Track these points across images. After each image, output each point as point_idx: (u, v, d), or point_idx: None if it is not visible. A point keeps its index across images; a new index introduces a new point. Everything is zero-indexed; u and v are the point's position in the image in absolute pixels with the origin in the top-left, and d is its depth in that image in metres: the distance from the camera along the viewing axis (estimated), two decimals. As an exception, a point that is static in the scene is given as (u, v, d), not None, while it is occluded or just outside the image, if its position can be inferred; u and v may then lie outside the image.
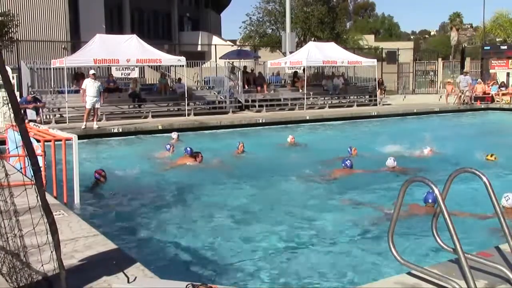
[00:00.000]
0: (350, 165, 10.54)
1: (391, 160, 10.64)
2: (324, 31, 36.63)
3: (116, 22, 38.77)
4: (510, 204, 7.20)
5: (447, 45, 63.65)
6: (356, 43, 46.25)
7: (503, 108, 25.88)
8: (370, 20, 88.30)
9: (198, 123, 18.90)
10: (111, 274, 4.07)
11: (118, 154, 14.31)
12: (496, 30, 38.64)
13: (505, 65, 31.30)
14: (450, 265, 4.13)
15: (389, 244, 3.98)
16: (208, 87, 25.13)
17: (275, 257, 6.12)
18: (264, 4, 37.78)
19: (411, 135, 16.14)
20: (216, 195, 9.13)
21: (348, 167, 10.51)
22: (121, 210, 8.20)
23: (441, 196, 3.59)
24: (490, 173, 9.38)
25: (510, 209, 7.20)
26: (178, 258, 6.08)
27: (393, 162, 10.62)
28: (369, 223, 7.39)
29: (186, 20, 49.14)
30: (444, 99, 27.74)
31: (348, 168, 10.51)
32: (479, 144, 14.17)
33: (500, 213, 3.85)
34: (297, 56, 25.90)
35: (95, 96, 16.77)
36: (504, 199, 7.24)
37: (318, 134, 18.82)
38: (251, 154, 13.06)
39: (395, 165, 10.60)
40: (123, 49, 19.92)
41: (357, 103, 26.07)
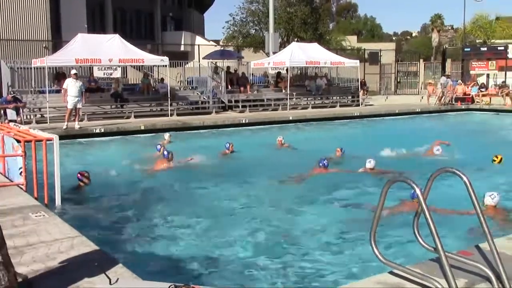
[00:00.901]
0: (326, 164, 10.59)
1: (370, 161, 10.65)
2: (307, 32, 36.80)
3: (98, 22, 38.41)
4: (495, 202, 7.31)
5: (429, 46, 64.26)
6: (339, 44, 46.52)
7: (483, 108, 26.24)
8: (352, 21, 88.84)
9: (181, 123, 18.83)
10: (93, 275, 4.03)
11: (100, 155, 14.19)
12: (476, 32, 39.16)
13: (485, 67, 31.77)
14: (432, 264, 4.17)
15: (371, 244, 4.01)
16: (191, 87, 25.05)
17: (255, 258, 6.11)
18: (247, 4, 37.87)
19: (397, 135, 16.29)
20: (199, 196, 9.11)
21: (324, 167, 10.56)
22: (103, 212, 8.12)
23: (423, 196, 3.63)
24: (470, 172, 9.58)
25: (493, 207, 7.31)
26: (160, 259, 6.05)
27: (369, 163, 10.61)
28: (349, 223, 7.42)
29: (169, 20, 48.92)
30: (425, 99, 28.05)
31: (325, 168, 10.55)
32: (462, 145, 14.37)
33: (480, 212, 3.89)
34: (280, 57, 25.95)
35: (77, 96, 16.60)
36: (489, 197, 7.32)
37: (307, 135, 18.82)
38: (239, 155, 13.06)
39: (373, 167, 10.60)
40: (105, 49, 19.76)
41: (340, 104, 26.22)
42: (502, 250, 4.28)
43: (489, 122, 23.47)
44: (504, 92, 26.88)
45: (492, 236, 3.90)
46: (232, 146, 13.15)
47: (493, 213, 7.25)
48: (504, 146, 14.54)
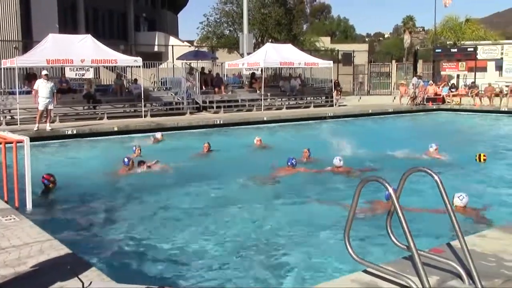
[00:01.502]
0: (294, 163, 10.64)
1: (337, 160, 10.67)
2: (281, 33, 36.95)
3: (70, 22, 37.83)
4: (464, 203, 7.43)
5: (401, 47, 65.12)
6: (313, 45, 46.79)
7: (453, 108, 26.74)
8: (326, 23, 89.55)
9: (155, 125, 18.68)
10: (65, 279, 3.98)
11: (73, 157, 13.98)
12: (447, 33, 39.85)
13: (455, 68, 32.37)
14: (404, 262, 4.23)
15: (345, 242, 4.04)
16: (165, 88, 24.89)
17: (226, 258, 6.11)
18: (221, 5, 37.79)
19: (373, 135, 16.44)
20: (169, 198, 9.04)
21: (293, 166, 10.60)
22: (76, 214, 8.00)
23: (395, 195, 3.68)
24: (441, 170, 9.76)
25: (462, 208, 7.43)
26: (134, 262, 6.00)
27: (338, 161, 10.65)
28: (319, 221, 7.46)
29: (142, 20, 48.53)
30: (398, 100, 28.44)
31: (293, 167, 10.60)
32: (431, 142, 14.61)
33: (451, 210, 3.96)
34: (254, 57, 25.99)
35: (48, 97, 16.32)
36: (457, 198, 7.45)
37: (284, 135, 18.83)
38: (216, 155, 13.03)
39: (341, 165, 10.65)
40: (77, 49, 19.50)
41: (314, 104, 26.38)
42: (472, 247, 4.38)
43: (459, 121, 23.92)
44: (474, 93, 27.44)
45: (463, 234, 3.98)
46: (208, 146, 13.11)
47: (462, 213, 7.35)
48: (476, 144, 14.88)
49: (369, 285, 3.90)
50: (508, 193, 9.33)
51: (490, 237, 5.01)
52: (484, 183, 10.01)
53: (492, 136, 17.95)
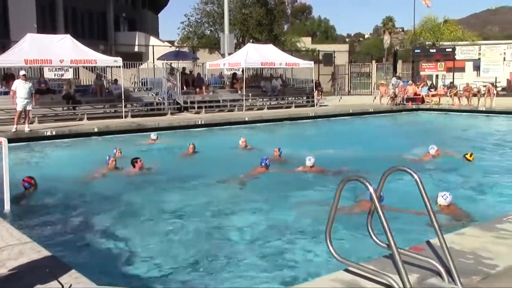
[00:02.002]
0: (268, 164, 10.66)
1: (308, 159, 10.64)
2: (262, 33, 37.03)
3: (49, 21, 37.39)
4: (447, 202, 7.47)
5: (381, 48, 65.84)
6: (294, 45, 46.97)
7: (432, 108, 27.06)
8: (307, 23, 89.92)
9: (135, 125, 18.56)
10: (45, 282, 3.93)
11: (52, 158, 13.82)
12: (426, 34, 40.33)
13: (434, 68, 32.79)
14: (385, 261, 4.26)
15: (327, 242, 4.06)
16: (146, 89, 24.74)
17: (207, 260, 6.08)
18: (202, 5, 37.75)
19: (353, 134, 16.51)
20: (152, 200, 8.96)
21: (266, 167, 10.62)
22: (55, 216, 7.91)
23: (376, 194, 3.71)
24: (423, 169, 9.87)
25: (446, 207, 7.47)
26: (115, 264, 5.94)
27: (309, 161, 10.63)
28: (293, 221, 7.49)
29: (122, 20, 48.18)
30: (378, 100, 28.69)
31: (266, 168, 10.63)
32: (413, 142, 14.74)
33: (430, 209, 4.01)
34: (235, 58, 25.98)
35: (26, 98, 16.09)
36: (441, 198, 7.49)
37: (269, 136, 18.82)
38: (201, 156, 12.95)
39: (313, 165, 10.63)
40: (56, 49, 19.28)
41: (295, 104, 26.46)
42: (451, 245, 4.43)
43: (438, 121, 24.24)
44: (452, 92, 27.80)
45: (442, 232, 4.03)
46: (193, 147, 13.06)
47: (446, 212, 7.41)
48: (455, 143, 15.09)
49: (350, 284, 3.92)
50: (489, 191, 9.47)
51: (469, 235, 5.08)
52: (465, 182, 10.12)
53: (471, 135, 18.21)
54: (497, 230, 5.18)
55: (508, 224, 5.39)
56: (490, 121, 23.01)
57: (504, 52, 32.25)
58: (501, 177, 10.62)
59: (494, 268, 4.19)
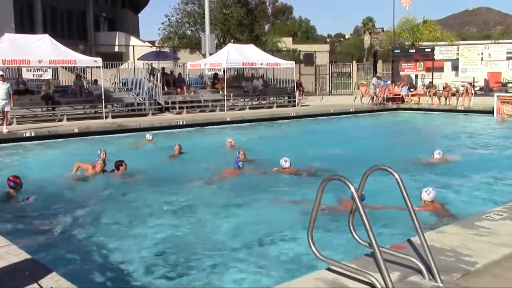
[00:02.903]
0: (241, 166, 10.66)
1: (284, 160, 10.61)
2: (244, 33, 37.04)
3: (27, 21, 36.85)
4: (431, 197, 7.54)
5: (361, 48, 66.36)
6: (275, 45, 47.08)
7: (412, 108, 27.36)
8: (288, 23, 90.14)
9: (116, 126, 18.41)
10: (24, 285, 3.87)
11: (31, 160, 13.63)
12: (405, 34, 40.75)
13: (413, 68, 33.15)
14: (367, 259, 4.29)
15: (309, 241, 4.08)
16: (127, 89, 24.55)
17: (194, 259, 6.07)
18: (182, 5, 37.61)
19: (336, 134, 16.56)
20: (134, 202, 8.88)
21: (240, 168, 10.62)
22: (35, 219, 7.80)
23: (357, 193, 3.73)
24: (405, 169, 9.94)
25: (430, 203, 7.54)
26: (96, 267, 5.89)
27: (284, 162, 10.60)
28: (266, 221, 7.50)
29: (102, 20, 47.67)
30: (359, 100, 28.90)
31: (240, 169, 10.61)
32: (396, 142, 14.89)
33: (411, 207, 4.05)
34: (216, 58, 25.94)
35: (4, 99, 15.87)
36: (425, 193, 7.57)
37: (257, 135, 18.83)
38: (187, 156, 12.86)
39: (288, 166, 10.60)
40: (35, 49, 19.02)
41: (277, 104, 26.52)
42: (431, 243, 4.48)
43: (418, 120, 24.52)
44: (431, 92, 28.13)
45: (422, 230, 4.07)
46: (179, 148, 13.00)
47: (431, 207, 7.48)
48: (435, 141, 15.28)
49: (332, 283, 3.95)
50: (466, 189, 9.59)
51: (449, 233, 5.15)
52: (442, 180, 10.23)
53: (450, 134, 18.46)
54: (476, 228, 5.26)
55: (486, 221, 5.48)
56: (468, 120, 23.35)
57: (481, 52, 32.74)
58: (478, 175, 10.76)
59: (474, 265, 4.26)
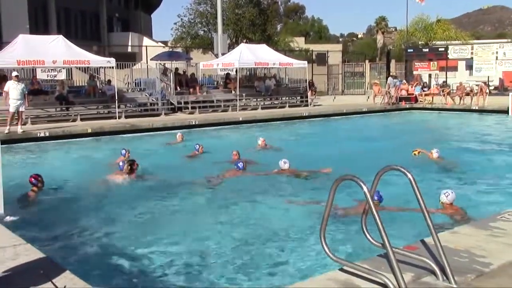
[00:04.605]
0: (242, 167, 10.58)
1: (283, 162, 10.53)
2: (256, 33, 37.05)
3: (41, 22, 37.22)
4: (449, 200, 7.34)
5: (374, 47, 66.05)
6: (287, 45, 47.01)
7: (425, 107, 27.16)
8: (300, 23, 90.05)
9: (129, 126, 18.51)
10: (38, 284, 3.91)
11: (45, 160, 13.76)
12: (418, 33, 40.48)
13: (427, 67, 32.89)
14: (380, 260, 4.27)
15: (321, 241, 4.06)
16: (139, 89, 24.67)
17: (202, 260, 6.08)
18: (195, 5, 37.71)
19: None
20: (150, 201, 8.89)
21: (240, 169, 10.55)
22: (50, 218, 7.87)
23: (370, 194, 3.71)
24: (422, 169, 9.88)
25: (449, 205, 7.35)
26: (109, 266, 5.93)
27: (284, 164, 10.52)
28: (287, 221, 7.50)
29: (115, 21, 48.04)
30: (371, 99, 28.75)
31: (241, 170, 10.54)
32: (407, 141, 14.77)
33: (424, 207, 4.02)
34: (229, 58, 25.97)
35: (19, 99, 16.02)
36: (444, 196, 7.38)
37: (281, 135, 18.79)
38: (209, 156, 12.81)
39: (287, 167, 10.53)
40: (49, 50, 19.17)
41: (289, 104, 26.48)
42: (445, 244, 4.44)
43: (431, 120, 24.34)
44: (445, 92, 27.90)
45: (436, 231, 4.04)
46: (201, 148, 13.00)
47: (450, 210, 7.32)
48: (446, 142, 15.15)
49: (345, 283, 3.93)
50: (481, 189, 9.50)
51: (463, 234, 5.11)
52: (458, 181, 10.15)
53: (464, 134, 18.30)
54: (490, 229, 5.21)
55: (501, 222, 5.42)
56: (483, 120, 23.13)
57: (496, 51, 32.36)
58: (492, 175, 10.65)
59: (488, 266, 4.22)
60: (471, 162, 12.03)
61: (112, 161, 11.98)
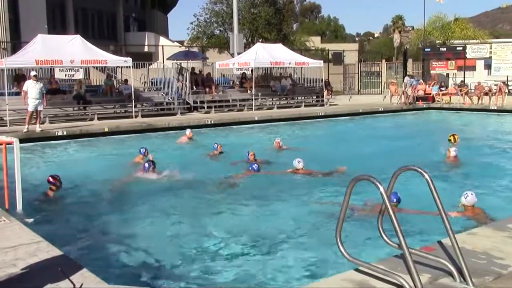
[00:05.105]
0: (257, 168, 10.57)
1: (297, 162, 10.51)
2: (272, 33, 36.99)
3: (59, 22, 37.63)
4: (469, 202, 7.22)
5: (390, 46, 65.57)
6: (303, 45, 46.88)
7: (443, 107, 26.89)
8: (316, 22, 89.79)
9: (146, 125, 18.62)
10: (56, 281, 3.95)
11: (63, 158, 13.90)
12: (436, 32, 40.10)
13: (444, 66, 32.57)
14: (396, 261, 4.24)
15: (337, 241, 4.05)
16: (156, 89, 24.82)
17: (219, 260, 6.08)
18: (211, 5, 37.76)
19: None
20: (168, 200, 8.91)
21: (255, 171, 10.53)
22: (67, 217, 7.96)
23: (386, 194, 3.69)
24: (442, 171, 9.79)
25: (470, 207, 7.23)
26: (126, 263, 5.97)
27: (297, 163, 10.50)
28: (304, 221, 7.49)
29: (132, 21, 48.36)
30: (388, 99, 28.55)
31: (255, 171, 10.51)
32: (424, 142, 14.64)
33: (441, 208, 3.98)
34: (245, 57, 25.98)
35: (37, 98, 16.21)
36: (463, 197, 7.27)
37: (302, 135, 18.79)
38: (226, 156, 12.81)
39: (301, 167, 10.51)
40: (67, 50, 19.37)
41: (305, 104, 26.41)
42: (463, 245, 4.40)
43: (449, 120, 24.08)
44: (463, 91, 27.61)
45: (454, 232, 4.00)
46: (220, 147, 13.02)
47: (471, 213, 7.20)
48: (464, 142, 14.96)
49: (361, 284, 3.91)
50: (499, 190, 9.38)
51: (481, 235, 5.05)
52: (480, 181, 10.01)
53: (484, 133, 18.09)
54: (509, 230, 5.14)
55: (520, 224, 5.35)
56: (502, 120, 22.82)
57: (515, 51, 31.94)
58: (510, 176, 10.51)
59: (506, 268, 4.16)
60: (489, 162, 11.89)
61: (130, 160, 12.07)
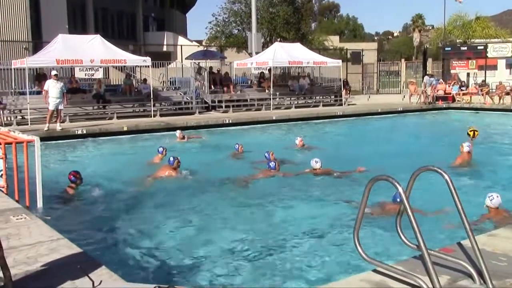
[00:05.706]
0: (274, 166, 10.53)
1: (314, 162, 10.47)
2: (290, 32, 36.90)
3: (80, 22, 38.04)
4: (494, 204, 7.06)
5: (410, 46, 64.90)
6: (322, 44, 46.71)
7: (463, 107, 26.54)
8: (335, 21, 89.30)
9: (164, 124, 18.74)
10: (75, 278, 3.99)
11: (82, 157, 14.05)
12: (456, 31, 39.62)
13: (465, 66, 32.15)
14: (415, 262, 4.20)
15: (355, 242, 4.02)
16: (174, 88, 24.96)
17: (237, 259, 6.09)
18: (229, 4, 37.80)
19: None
20: (188, 200, 8.94)
21: (272, 169, 10.49)
22: (87, 214, 8.05)
23: (405, 194, 3.65)
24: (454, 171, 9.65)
25: (494, 209, 7.07)
26: (144, 261, 6.01)
27: (315, 163, 10.46)
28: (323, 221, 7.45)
29: (151, 20, 48.69)
30: (407, 98, 28.30)
31: (273, 170, 10.49)
32: (444, 141, 14.46)
33: (461, 209, 3.93)
34: (263, 57, 25.97)
35: (58, 97, 16.42)
36: (488, 199, 7.10)
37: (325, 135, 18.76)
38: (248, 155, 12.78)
39: (319, 167, 10.45)
40: (87, 49, 19.59)
41: (323, 103, 26.32)
42: (483, 247, 4.34)
43: (469, 120, 23.73)
44: (484, 91, 27.23)
45: (473, 233, 3.94)
46: (241, 147, 13.02)
47: (494, 215, 7.04)
48: (484, 141, 14.76)
49: (379, 285, 3.88)
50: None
51: (501, 236, 4.97)
52: (498, 182, 9.85)
53: (505, 134, 17.82)
54: (530, 232, 5.05)
55: (542, 225, 5.25)
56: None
57: (538, 50, 31.37)
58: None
59: (528, 271, 4.09)
60: (509, 163, 11.70)
61: (149, 159, 12.14)
